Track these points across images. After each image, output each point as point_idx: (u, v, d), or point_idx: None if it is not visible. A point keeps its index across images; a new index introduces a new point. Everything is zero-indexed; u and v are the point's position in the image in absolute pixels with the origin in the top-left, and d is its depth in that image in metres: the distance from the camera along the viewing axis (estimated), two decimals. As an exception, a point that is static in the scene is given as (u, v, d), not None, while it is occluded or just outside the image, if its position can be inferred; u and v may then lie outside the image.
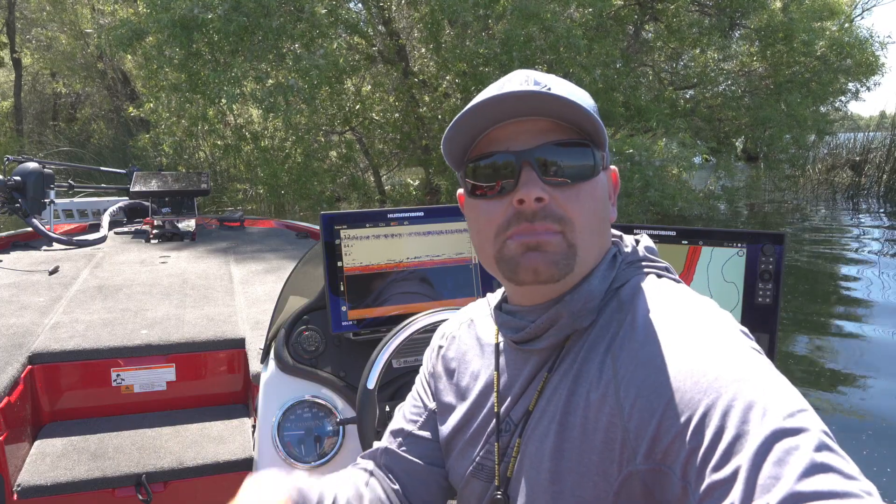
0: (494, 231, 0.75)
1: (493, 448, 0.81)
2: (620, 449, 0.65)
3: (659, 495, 0.63)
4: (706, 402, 0.59)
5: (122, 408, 2.12)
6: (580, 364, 0.73)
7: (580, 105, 0.71)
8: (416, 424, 0.94)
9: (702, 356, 0.62)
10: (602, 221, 0.77)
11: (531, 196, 0.71)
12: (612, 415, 0.66)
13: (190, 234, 3.94)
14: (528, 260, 0.73)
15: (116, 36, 8.42)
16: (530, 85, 0.74)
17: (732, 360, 0.61)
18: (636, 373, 0.66)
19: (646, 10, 10.94)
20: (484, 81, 8.52)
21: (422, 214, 1.60)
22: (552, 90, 0.72)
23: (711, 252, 1.27)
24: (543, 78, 0.76)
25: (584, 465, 0.69)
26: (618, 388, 0.67)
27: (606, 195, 0.78)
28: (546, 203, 0.72)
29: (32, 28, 17.66)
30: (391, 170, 12.41)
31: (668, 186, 8.18)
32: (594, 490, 0.68)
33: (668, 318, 0.69)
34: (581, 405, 0.70)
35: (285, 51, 8.55)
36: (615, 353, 0.69)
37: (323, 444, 1.56)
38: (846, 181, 13.87)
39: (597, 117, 0.73)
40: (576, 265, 0.74)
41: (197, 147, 12.15)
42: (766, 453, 0.53)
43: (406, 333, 1.35)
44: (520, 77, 0.76)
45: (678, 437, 0.60)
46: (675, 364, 0.63)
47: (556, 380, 0.75)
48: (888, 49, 14.40)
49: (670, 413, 0.61)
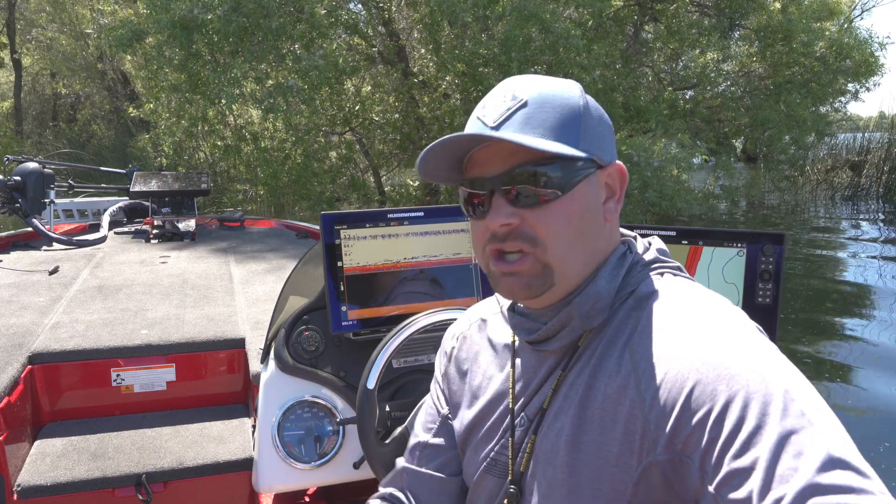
0: (481, 247, 0.79)
1: (508, 444, 0.82)
2: (641, 440, 0.67)
3: (677, 485, 0.64)
4: (727, 393, 0.60)
5: (122, 408, 2.12)
6: (597, 360, 0.74)
7: (527, 144, 0.71)
8: (430, 433, 0.96)
9: (723, 349, 0.64)
10: (587, 230, 0.76)
11: (497, 223, 0.75)
12: (633, 406, 0.68)
13: (190, 234, 3.94)
14: (505, 283, 0.77)
15: (116, 36, 8.42)
16: (507, 101, 0.75)
17: (753, 355, 0.63)
18: (657, 365, 0.67)
19: (645, 10, 10.94)
20: (483, 82, 8.52)
21: (422, 214, 1.61)
22: (524, 110, 0.74)
23: (712, 252, 1.27)
24: (522, 89, 0.76)
25: (602, 458, 0.70)
26: (638, 381, 0.68)
27: (593, 201, 0.77)
28: (515, 226, 0.74)
29: (32, 29, 17.66)
30: (391, 170, 12.40)
31: (666, 187, 8.18)
32: (612, 482, 0.69)
33: (687, 313, 0.70)
34: (599, 399, 0.72)
35: (285, 51, 8.55)
36: (634, 349, 0.71)
37: (323, 444, 1.56)
38: (845, 181, 13.89)
39: (553, 141, 0.73)
40: (555, 281, 0.75)
41: (197, 147, 12.15)
42: (785, 445, 0.55)
43: (406, 333, 1.35)
44: (500, 92, 0.77)
45: (698, 428, 0.61)
46: (696, 357, 0.64)
47: (571, 377, 0.76)
48: (887, 49, 14.38)
49: (691, 404, 0.62)
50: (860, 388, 4.07)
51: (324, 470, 1.55)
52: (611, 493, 0.69)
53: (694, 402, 0.62)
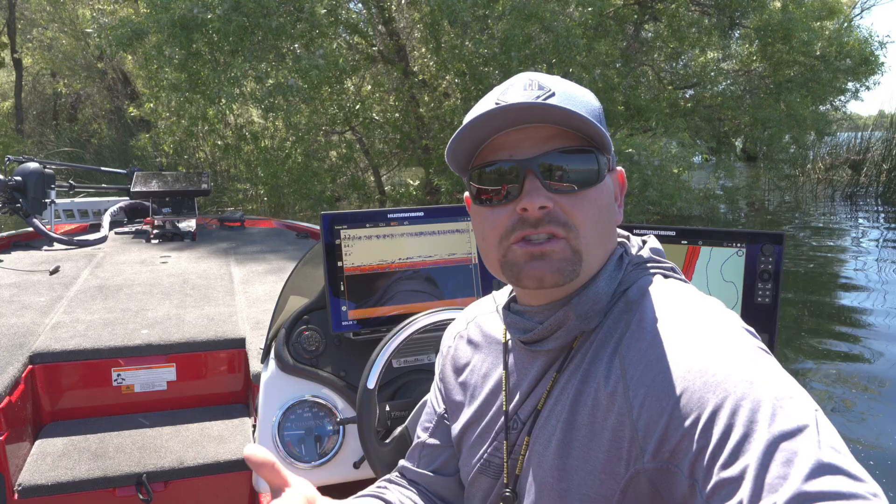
0: (499, 237, 0.76)
1: (502, 445, 0.81)
2: (629, 447, 0.66)
3: (666, 494, 0.63)
4: (715, 401, 0.59)
5: (122, 407, 2.12)
6: (588, 364, 0.73)
7: (583, 115, 0.71)
8: (427, 432, 0.96)
9: (710, 356, 0.63)
10: (607, 225, 0.77)
11: (535, 205, 0.71)
12: (621, 414, 0.67)
13: (190, 234, 3.94)
14: (532, 268, 0.73)
15: (116, 36, 8.41)
16: (534, 90, 0.74)
17: (740, 360, 0.62)
18: (645, 372, 0.66)
19: (645, 9, 10.93)
20: (483, 81, 8.52)
21: (422, 214, 1.61)
22: (555, 98, 0.72)
23: (711, 252, 1.27)
24: (547, 81, 0.75)
25: (590, 463, 0.69)
26: (627, 388, 0.67)
27: (612, 199, 0.78)
28: (550, 209, 0.72)
29: (33, 28, 17.65)
30: (391, 170, 12.40)
31: (666, 186, 8.18)
32: (600, 488, 0.68)
33: (676, 317, 0.69)
34: (589, 404, 0.71)
35: (285, 51, 8.55)
36: (623, 354, 0.70)
37: (323, 443, 1.56)
38: (845, 180, 13.88)
39: (597, 123, 0.73)
40: (581, 270, 0.74)
41: (197, 147, 12.14)
42: (774, 453, 0.54)
43: (406, 333, 1.35)
44: (523, 81, 0.76)
45: (686, 436, 0.60)
46: (684, 363, 0.64)
47: (564, 379, 0.75)
48: (887, 48, 14.37)
49: (679, 412, 0.61)
50: (860, 388, 4.07)
51: (324, 470, 1.56)
52: (599, 499, 0.68)
53: (682, 411, 0.61)
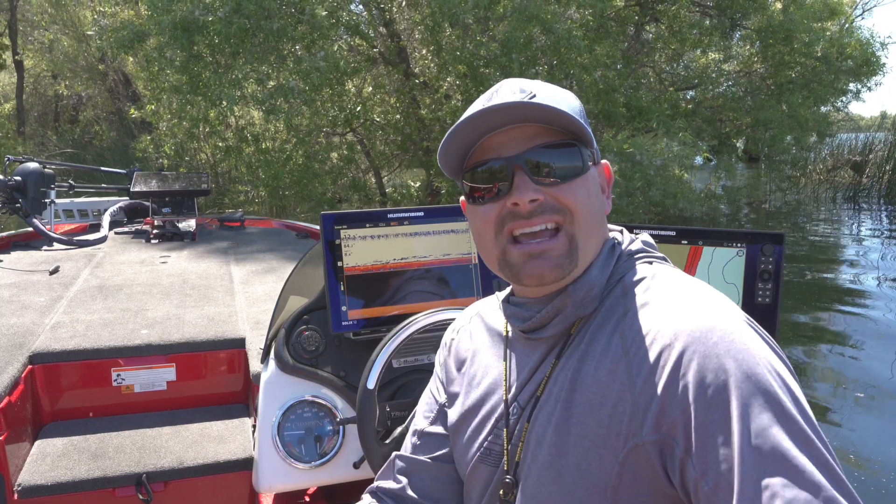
0: (493, 231, 0.80)
1: (502, 433, 0.83)
2: (628, 422, 0.68)
3: (662, 465, 0.66)
4: (711, 376, 0.63)
5: (122, 407, 2.12)
6: (586, 345, 0.76)
7: (563, 110, 0.75)
8: (428, 420, 0.98)
9: (711, 334, 0.66)
10: (598, 213, 0.81)
11: (525, 199, 0.76)
12: (622, 390, 0.70)
13: (190, 234, 3.94)
14: (532, 268, 0.77)
15: (118, 38, 8.42)
16: (516, 93, 0.78)
17: (736, 337, 0.65)
18: (647, 349, 0.69)
19: (646, 11, 10.93)
20: (484, 83, 8.51)
21: (422, 214, 1.61)
22: (537, 98, 0.76)
23: (712, 252, 1.27)
24: (529, 85, 0.80)
25: (589, 439, 0.71)
26: (629, 365, 0.70)
27: (599, 189, 0.83)
28: (542, 201, 0.76)
29: (34, 30, 17.68)
30: (392, 171, 12.40)
31: (670, 185, 8.18)
32: (599, 463, 0.70)
33: (674, 298, 0.73)
34: (588, 381, 0.73)
35: (286, 53, 8.55)
36: (625, 333, 0.73)
37: (323, 443, 1.56)
38: (847, 181, 13.87)
39: (578, 118, 0.77)
40: (579, 259, 0.78)
41: (198, 149, 12.15)
42: (769, 426, 0.59)
43: (406, 333, 1.35)
44: (506, 87, 0.80)
45: (683, 410, 0.65)
46: (683, 340, 0.67)
47: (563, 363, 0.78)
48: (889, 49, 14.37)
49: (677, 386, 0.65)
50: (860, 388, 4.06)
51: (324, 470, 1.56)
52: (598, 473, 0.70)
53: (681, 387, 0.65)
